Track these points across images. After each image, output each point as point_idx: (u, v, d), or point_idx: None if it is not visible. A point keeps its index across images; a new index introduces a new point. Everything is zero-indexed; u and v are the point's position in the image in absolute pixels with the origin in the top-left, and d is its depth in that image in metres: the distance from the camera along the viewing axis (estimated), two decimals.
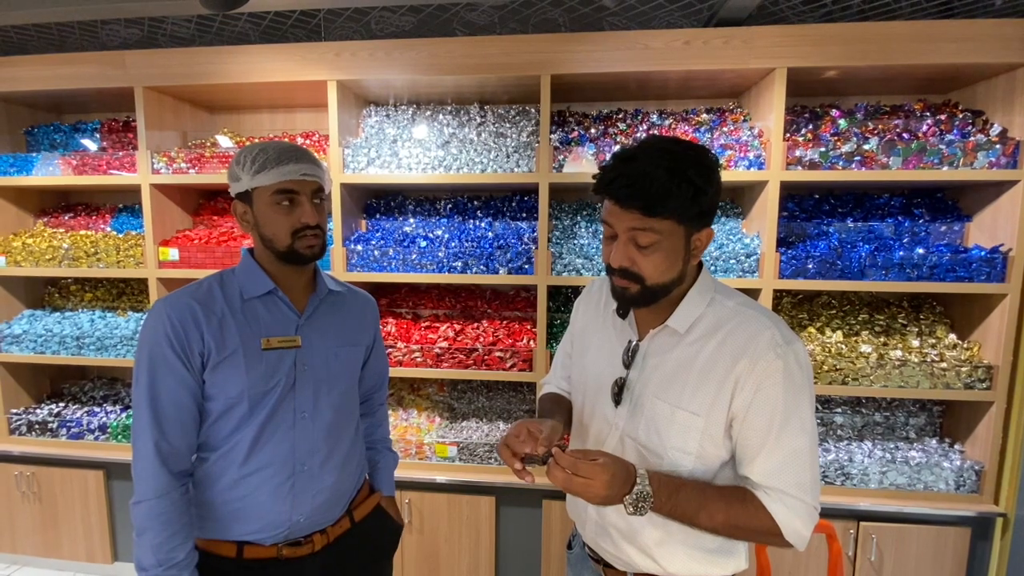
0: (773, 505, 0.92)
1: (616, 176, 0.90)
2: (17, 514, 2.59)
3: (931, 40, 1.94)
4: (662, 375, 1.00)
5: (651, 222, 0.89)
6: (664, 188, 0.87)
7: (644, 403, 1.01)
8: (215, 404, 1.08)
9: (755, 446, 0.93)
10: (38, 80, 2.39)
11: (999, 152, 1.96)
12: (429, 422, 2.44)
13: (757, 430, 0.93)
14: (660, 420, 0.98)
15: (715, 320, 0.98)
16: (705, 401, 0.95)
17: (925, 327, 2.23)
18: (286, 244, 1.09)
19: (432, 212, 2.56)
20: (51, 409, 2.64)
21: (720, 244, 2.17)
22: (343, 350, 1.22)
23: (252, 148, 1.09)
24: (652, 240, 0.90)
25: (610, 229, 0.95)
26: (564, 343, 1.28)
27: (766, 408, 0.92)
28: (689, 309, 0.99)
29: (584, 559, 1.16)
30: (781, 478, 0.91)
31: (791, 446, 0.91)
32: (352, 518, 1.24)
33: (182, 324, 1.05)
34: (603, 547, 1.08)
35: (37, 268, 2.50)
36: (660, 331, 1.01)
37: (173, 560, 1.01)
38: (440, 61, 2.15)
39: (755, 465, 0.94)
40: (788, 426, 0.91)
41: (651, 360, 1.02)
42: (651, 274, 0.93)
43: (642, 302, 0.97)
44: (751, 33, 1.99)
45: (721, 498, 0.93)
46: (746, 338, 0.94)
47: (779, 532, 0.91)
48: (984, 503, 2.07)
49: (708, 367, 0.96)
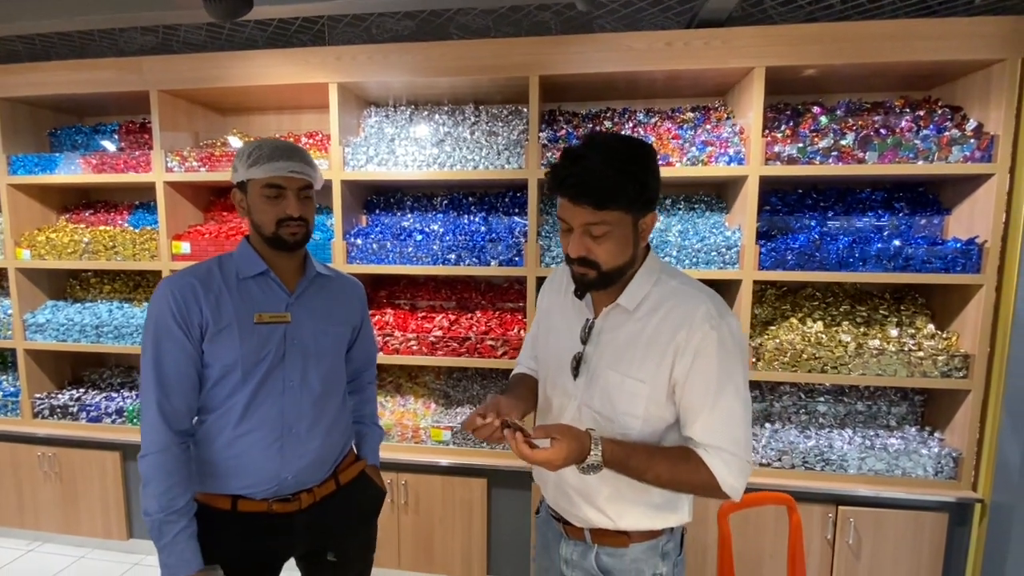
0: (712, 460, 1.02)
1: (567, 176, 0.99)
2: (40, 493, 2.76)
3: (908, 38, 2.01)
4: (614, 348, 1.10)
5: (602, 215, 0.99)
6: (612, 184, 0.97)
7: (599, 374, 1.11)
8: (212, 371, 1.21)
9: (695, 409, 1.04)
10: (61, 84, 2.55)
11: (974, 146, 2.02)
12: (425, 408, 2.56)
13: (696, 394, 1.03)
14: (612, 388, 1.09)
15: (659, 297, 1.08)
16: (650, 369, 1.05)
17: (906, 318, 2.28)
18: (271, 231, 1.23)
19: (429, 208, 2.68)
20: (72, 394, 2.81)
21: (703, 237, 2.26)
22: (330, 328, 1.35)
23: (252, 144, 1.23)
24: (604, 231, 1.00)
25: (565, 224, 1.05)
26: (532, 326, 1.38)
27: (703, 375, 1.02)
28: (636, 288, 1.09)
29: (548, 520, 1.26)
30: (719, 436, 1.02)
31: (727, 408, 1.02)
32: (338, 481, 1.37)
33: (183, 299, 1.18)
34: (563, 507, 1.19)
35: (59, 261, 2.66)
36: (612, 309, 1.12)
37: (174, 507, 1.14)
38: (434, 64, 2.27)
39: (696, 426, 1.04)
40: (724, 391, 1.02)
41: (605, 336, 1.12)
42: (606, 260, 1.03)
43: (600, 285, 1.07)
44: (730, 34, 2.07)
45: (666, 457, 1.04)
46: (684, 312, 1.04)
47: (717, 485, 1.01)
48: (962, 489, 2.12)
49: (652, 339, 1.06)
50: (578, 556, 1.18)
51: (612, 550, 1.14)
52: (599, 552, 1.15)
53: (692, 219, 2.42)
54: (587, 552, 1.16)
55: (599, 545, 1.15)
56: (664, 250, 2.22)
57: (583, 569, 1.17)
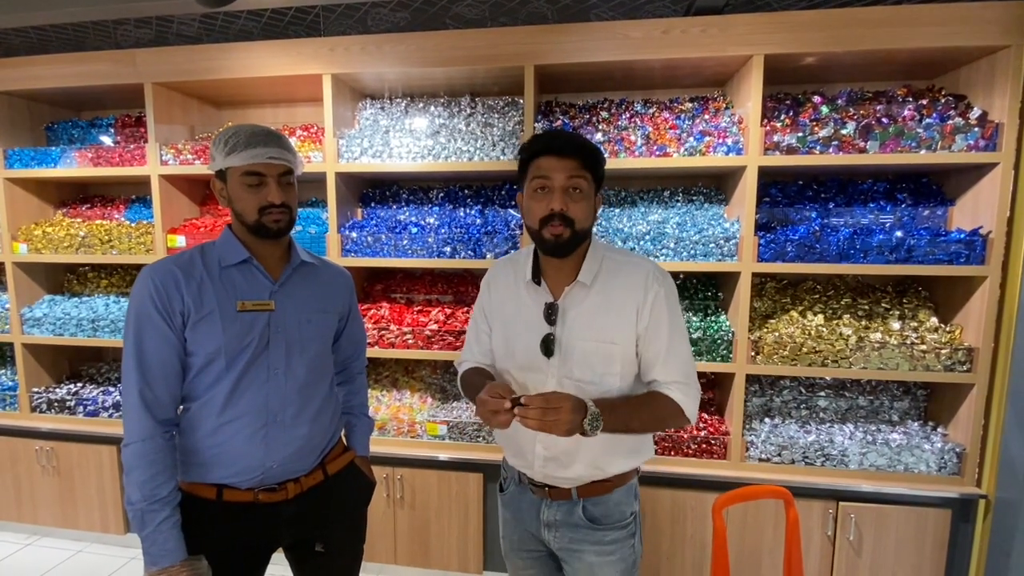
0: (675, 393, 1.21)
1: (554, 137, 1.17)
2: (37, 487, 2.76)
3: (909, 25, 1.96)
4: (582, 321, 1.23)
5: (584, 172, 1.16)
6: (593, 148, 1.18)
7: (573, 347, 1.22)
8: (196, 359, 1.19)
9: (656, 354, 1.22)
10: (57, 78, 2.54)
11: (978, 135, 1.98)
12: (421, 402, 2.54)
13: (657, 342, 1.21)
14: (589, 356, 1.21)
15: (609, 270, 1.24)
16: (619, 331, 1.21)
17: (908, 311, 2.24)
18: (254, 219, 1.21)
19: (424, 200, 2.66)
20: (69, 388, 2.81)
21: (700, 229, 2.22)
22: (315, 316, 1.32)
23: (227, 131, 1.20)
24: (583, 187, 1.16)
25: (544, 182, 1.16)
26: (477, 323, 1.42)
27: (659, 326, 1.21)
28: (591, 265, 1.24)
29: (522, 493, 1.36)
30: (676, 373, 1.22)
31: (679, 349, 1.23)
32: (326, 471, 1.35)
33: (164, 287, 1.16)
34: (552, 474, 1.27)
35: (56, 255, 2.66)
36: (573, 287, 1.24)
37: (156, 496, 1.12)
38: (428, 54, 2.24)
39: (658, 368, 1.22)
40: (674, 335, 1.22)
41: (570, 312, 1.24)
42: (580, 218, 1.16)
43: (569, 247, 1.19)
44: (728, 21, 2.04)
45: (642, 403, 1.21)
46: (635, 278, 1.22)
47: (682, 412, 1.21)
48: (965, 485, 2.08)
49: (615, 305, 1.22)
50: (563, 514, 1.29)
51: (597, 499, 1.28)
52: (584, 504, 1.27)
53: (690, 211, 2.38)
54: (572, 508, 1.28)
55: (584, 498, 1.27)
56: (662, 242, 2.18)
57: (569, 524, 1.28)
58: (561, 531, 1.29)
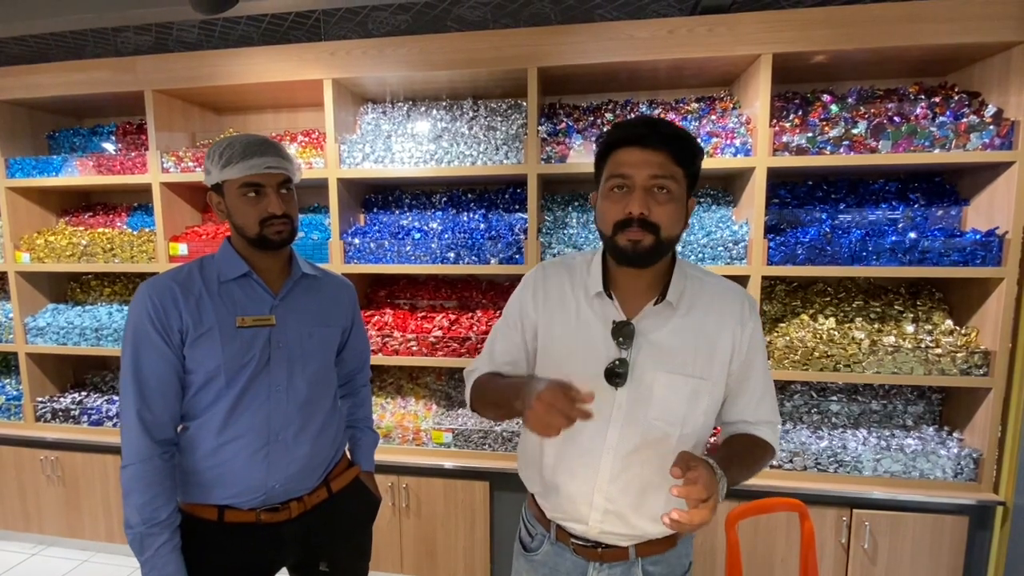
0: (766, 433, 1.10)
1: (640, 125, 0.96)
2: (43, 496, 2.75)
3: (921, 21, 1.92)
4: (664, 349, 1.03)
5: (675, 169, 0.95)
6: (690, 139, 0.97)
7: (653, 379, 1.02)
8: (195, 377, 1.16)
9: (751, 394, 1.09)
10: (57, 86, 2.53)
11: (993, 133, 1.93)
12: (426, 409, 2.51)
13: (754, 382, 1.09)
14: (673, 392, 1.02)
15: (697, 291, 1.06)
16: (711, 366, 1.04)
17: (922, 313, 2.19)
18: (255, 232, 1.17)
19: (428, 206, 2.63)
20: (74, 397, 2.80)
21: (708, 231, 2.18)
22: (317, 330, 1.29)
23: (221, 143, 1.17)
24: (671, 187, 0.95)
25: (623, 180, 0.96)
26: (508, 334, 1.16)
27: (756, 362, 1.08)
28: (678, 283, 1.05)
29: (559, 554, 1.14)
30: (767, 413, 1.11)
31: (769, 387, 1.12)
32: (329, 489, 1.31)
33: (162, 304, 1.13)
34: (611, 531, 1.09)
35: (58, 264, 2.65)
36: (658, 306, 1.03)
37: (156, 519, 1.10)
38: (430, 57, 2.21)
39: (752, 409, 1.10)
40: (765, 369, 1.11)
41: (650, 336, 1.03)
42: (667, 224, 0.96)
43: (650, 258, 0.98)
44: (735, 20, 1.99)
45: (747, 452, 1.06)
46: (731, 306, 1.06)
47: (773, 451, 1.10)
48: (982, 491, 2.04)
49: (706, 334, 1.04)
50: None
51: (658, 557, 1.11)
52: (644, 564, 1.11)
53: (698, 213, 2.34)
54: (629, 569, 1.10)
55: (643, 557, 1.10)
56: None
57: None
58: None
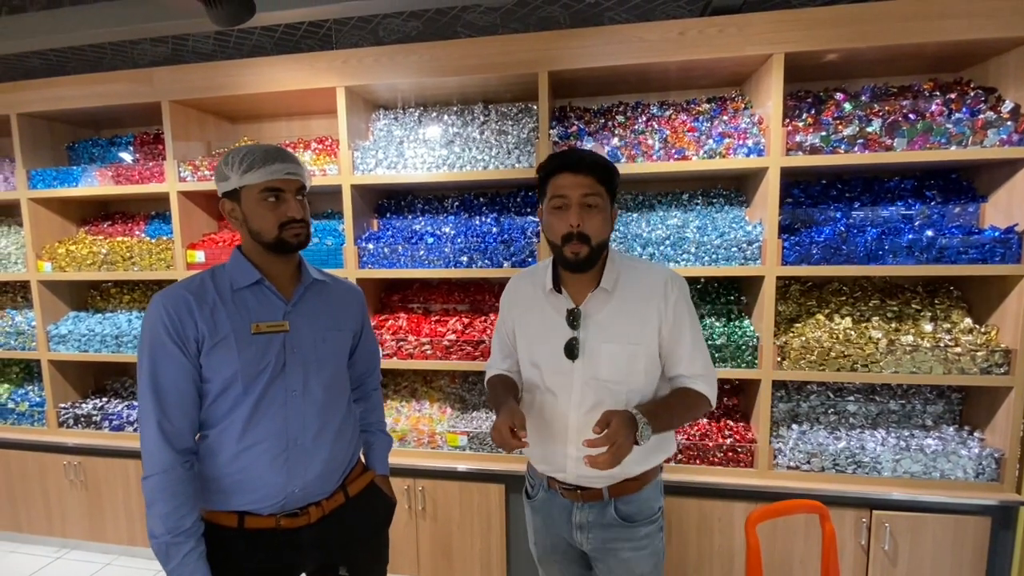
0: (701, 386, 1.32)
1: (571, 154, 1.26)
2: (66, 501, 2.80)
3: (933, 17, 1.90)
4: (605, 325, 1.30)
5: (599, 187, 1.23)
6: (607, 164, 1.26)
7: (597, 350, 1.30)
8: (212, 385, 1.18)
9: (680, 351, 1.32)
10: (76, 99, 2.58)
11: (1011, 129, 1.91)
12: (441, 412, 2.52)
13: (680, 341, 1.31)
14: (614, 357, 1.29)
15: (629, 277, 1.32)
16: (641, 333, 1.30)
17: (940, 312, 2.17)
18: (274, 236, 1.20)
19: (440, 210, 2.64)
20: (95, 403, 2.85)
21: (722, 232, 2.18)
22: (330, 334, 1.31)
23: (239, 151, 1.19)
24: (598, 203, 1.23)
25: (562, 200, 1.23)
26: (501, 337, 1.51)
27: (680, 325, 1.31)
28: (611, 273, 1.31)
29: (551, 498, 1.41)
30: (699, 366, 1.33)
31: (699, 344, 1.34)
32: (346, 493, 1.33)
33: (177, 314, 1.15)
34: (586, 475, 1.32)
35: (79, 273, 2.70)
36: (596, 293, 1.31)
37: (180, 528, 1.11)
38: (441, 63, 2.23)
39: (684, 364, 1.33)
40: (696, 333, 1.34)
41: (593, 317, 1.31)
42: (596, 233, 1.23)
43: (588, 263, 1.25)
44: (745, 20, 1.99)
45: (677, 402, 1.31)
46: (653, 282, 1.31)
47: (708, 402, 1.33)
48: (1005, 492, 2.01)
49: (636, 309, 1.30)
50: (595, 515, 1.35)
51: (628, 497, 1.34)
52: (616, 504, 1.34)
53: (710, 214, 2.34)
54: (604, 508, 1.34)
55: (616, 497, 1.34)
56: (682, 247, 2.14)
57: (601, 525, 1.34)
58: (594, 532, 1.35)
